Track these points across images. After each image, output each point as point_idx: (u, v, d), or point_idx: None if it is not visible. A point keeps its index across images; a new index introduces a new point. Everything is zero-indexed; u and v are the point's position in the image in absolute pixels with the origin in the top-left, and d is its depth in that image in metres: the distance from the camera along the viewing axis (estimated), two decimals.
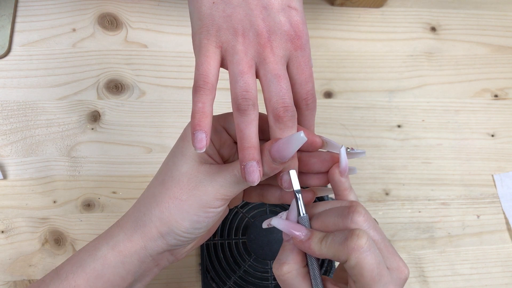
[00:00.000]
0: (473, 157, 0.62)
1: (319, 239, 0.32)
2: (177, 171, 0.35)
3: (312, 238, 0.32)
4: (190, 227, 0.35)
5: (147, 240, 0.35)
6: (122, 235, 0.36)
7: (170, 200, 0.35)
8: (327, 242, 0.31)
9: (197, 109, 0.31)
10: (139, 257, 0.36)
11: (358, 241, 0.29)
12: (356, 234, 0.30)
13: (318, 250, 0.31)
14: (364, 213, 0.31)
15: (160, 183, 0.36)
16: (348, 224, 0.31)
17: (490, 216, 0.60)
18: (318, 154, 0.36)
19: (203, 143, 0.31)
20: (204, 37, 0.33)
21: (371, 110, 0.62)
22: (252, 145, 0.32)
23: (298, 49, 0.33)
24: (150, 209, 0.35)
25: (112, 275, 0.35)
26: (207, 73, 0.32)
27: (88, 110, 0.56)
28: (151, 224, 0.35)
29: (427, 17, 0.68)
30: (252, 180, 0.31)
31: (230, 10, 0.32)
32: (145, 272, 0.37)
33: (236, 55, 0.32)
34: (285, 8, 0.33)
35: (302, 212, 0.33)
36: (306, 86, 0.34)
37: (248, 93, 0.32)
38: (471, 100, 0.65)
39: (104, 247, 0.36)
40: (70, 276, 0.35)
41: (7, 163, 0.53)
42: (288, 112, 0.32)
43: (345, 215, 0.31)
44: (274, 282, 0.52)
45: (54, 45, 0.58)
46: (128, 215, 0.37)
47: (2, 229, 0.51)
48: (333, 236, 0.31)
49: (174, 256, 0.38)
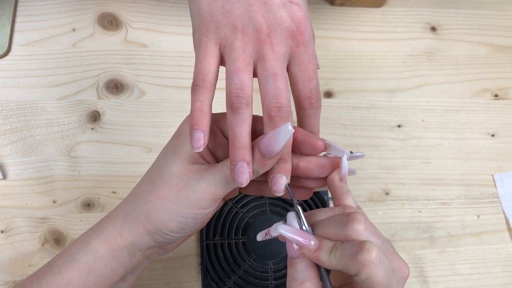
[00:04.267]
0: (473, 157, 0.62)
1: (329, 249, 0.30)
2: (167, 169, 0.35)
3: (322, 248, 0.31)
4: (177, 227, 0.34)
5: (135, 236, 0.35)
6: (112, 229, 0.36)
7: (158, 199, 0.34)
8: (337, 254, 0.30)
9: (195, 107, 0.31)
10: (129, 251, 0.36)
11: (368, 256, 0.28)
12: (366, 248, 0.29)
13: (328, 261, 0.30)
14: (363, 221, 0.30)
15: (150, 180, 0.36)
16: (349, 233, 0.30)
17: (490, 216, 0.60)
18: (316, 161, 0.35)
19: (201, 142, 0.31)
20: (203, 34, 0.32)
21: (371, 110, 0.62)
22: (243, 145, 0.31)
23: (301, 46, 0.32)
24: (139, 206, 0.35)
25: (104, 268, 0.35)
26: (205, 71, 0.32)
27: (88, 110, 0.56)
28: (138, 221, 0.35)
29: (427, 17, 0.68)
30: (240, 181, 0.31)
31: (229, 6, 0.32)
32: (137, 265, 0.37)
33: (234, 51, 0.32)
34: (286, 4, 0.32)
35: (305, 225, 0.32)
36: (309, 84, 0.33)
37: (242, 91, 0.31)
38: (471, 100, 0.65)
39: (95, 241, 0.36)
40: (62, 270, 0.35)
41: (7, 163, 0.53)
42: (282, 112, 0.31)
43: (344, 224, 0.31)
44: (274, 282, 0.52)
45: (54, 45, 0.58)
46: (118, 209, 0.37)
47: (2, 229, 0.51)
48: (342, 248, 0.30)
49: (164, 249, 0.38)
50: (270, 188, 0.33)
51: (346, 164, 0.33)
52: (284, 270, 0.53)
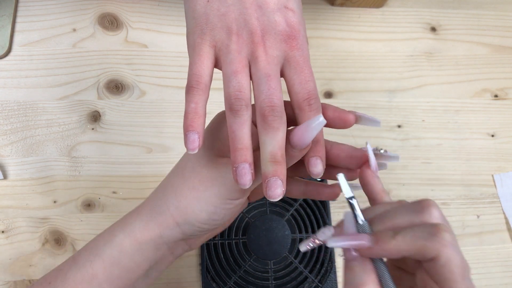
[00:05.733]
0: (473, 157, 0.62)
1: (391, 236, 0.29)
2: (197, 163, 0.35)
3: (382, 238, 0.29)
4: (207, 218, 0.35)
5: (163, 228, 0.35)
6: (139, 222, 0.36)
7: (189, 191, 0.35)
8: (406, 237, 0.28)
9: (190, 109, 0.31)
10: (155, 244, 0.36)
11: (449, 236, 0.27)
12: (443, 229, 0.28)
13: (395, 246, 0.28)
14: (438, 207, 0.30)
15: (179, 173, 0.36)
16: (426, 219, 0.29)
17: (490, 216, 0.60)
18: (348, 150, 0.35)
19: (196, 144, 0.31)
20: (198, 36, 0.32)
21: (371, 110, 0.62)
22: (244, 147, 0.31)
23: (295, 49, 0.33)
24: (168, 198, 0.36)
25: (128, 262, 0.35)
26: (200, 73, 0.32)
27: (88, 110, 0.56)
28: (168, 213, 0.35)
29: (427, 17, 0.68)
30: (243, 183, 0.31)
31: (224, 9, 0.32)
32: (161, 260, 0.37)
33: (230, 54, 0.32)
34: (281, 8, 0.33)
35: (361, 219, 0.30)
36: (307, 85, 0.33)
37: (241, 93, 0.31)
38: (471, 100, 0.65)
39: (120, 234, 0.36)
40: (87, 264, 0.35)
41: (7, 163, 0.53)
42: (275, 112, 0.31)
43: (420, 211, 0.29)
44: (274, 282, 0.52)
45: (54, 45, 0.58)
46: (145, 203, 0.37)
47: (2, 229, 0.51)
48: (413, 231, 0.28)
49: (189, 245, 0.38)
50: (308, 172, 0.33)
51: (373, 155, 0.33)
52: (284, 270, 0.53)
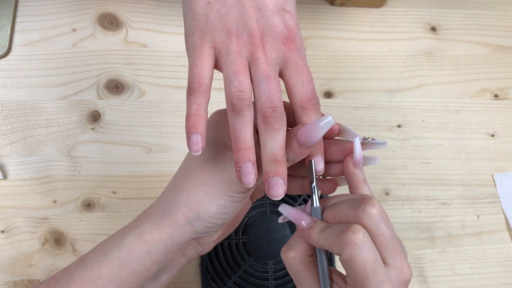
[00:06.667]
0: (473, 157, 0.62)
1: (320, 229, 0.32)
2: (202, 158, 0.35)
3: (313, 228, 0.33)
4: (217, 211, 0.35)
5: (174, 227, 0.35)
6: (149, 224, 0.36)
7: (197, 186, 0.35)
8: (325, 234, 0.32)
9: (192, 111, 0.31)
10: (165, 246, 0.36)
11: (352, 236, 0.30)
12: (351, 229, 0.30)
13: (316, 240, 0.32)
14: (377, 206, 0.31)
15: (185, 170, 0.36)
16: (360, 215, 0.31)
17: (490, 216, 0.60)
18: (339, 142, 0.36)
19: (199, 146, 0.31)
20: (198, 37, 0.33)
21: (371, 110, 0.62)
22: (247, 146, 0.32)
23: (293, 51, 0.33)
24: (177, 196, 0.36)
25: (137, 264, 0.35)
26: (201, 74, 0.32)
27: (88, 110, 0.56)
28: (178, 210, 0.35)
29: (427, 17, 0.68)
30: (247, 182, 0.31)
31: (224, 10, 0.32)
32: (171, 263, 0.37)
33: (230, 55, 0.32)
34: (280, 11, 0.33)
35: (316, 203, 0.34)
36: (309, 85, 0.33)
37: (243, 93, 0.31)
38: (471, 100, 0.65)
39: (130, 236, 0.36)
40: (95, 265, 0.35)
41: (7, 163, 0.53)
42: (276, 113, 0.31)
43: (357, 206, 0.31)
44: (274, 282, 0.52)
45: (54, 45, 0.58)
46: (154, 205, 0.37)
47: (2, 229, 0.51)
48: (332, 228, 0.32)
49: (201, 246, 0.38)
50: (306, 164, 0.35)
51: (360, 147, 0.34)
52: (284, 270, 0.53)
